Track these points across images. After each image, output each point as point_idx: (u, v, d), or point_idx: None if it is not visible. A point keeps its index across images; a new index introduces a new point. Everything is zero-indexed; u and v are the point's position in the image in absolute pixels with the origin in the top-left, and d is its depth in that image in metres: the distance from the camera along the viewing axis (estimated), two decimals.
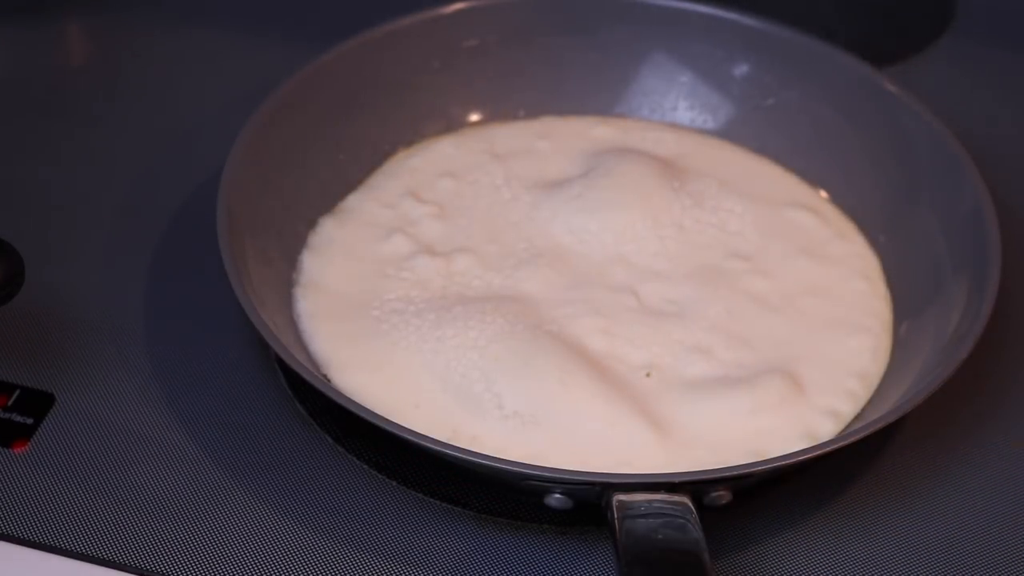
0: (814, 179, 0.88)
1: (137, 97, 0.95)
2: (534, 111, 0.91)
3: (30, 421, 0.77)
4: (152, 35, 0.99)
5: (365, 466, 0.75)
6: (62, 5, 1.01)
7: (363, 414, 0.71)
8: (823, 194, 0.87)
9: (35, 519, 0.73)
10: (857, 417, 0.76)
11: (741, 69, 0.90)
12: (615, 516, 0.67)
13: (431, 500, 0.74)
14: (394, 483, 0.75)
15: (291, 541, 0.73)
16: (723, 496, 0.70)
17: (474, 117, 0.90)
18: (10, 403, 0.77)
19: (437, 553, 0.72)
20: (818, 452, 0.71)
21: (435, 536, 0.73)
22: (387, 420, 0.70)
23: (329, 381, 0.76)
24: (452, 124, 0.90)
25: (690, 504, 0.67)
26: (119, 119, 0.93)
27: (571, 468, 0.71)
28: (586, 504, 0.70)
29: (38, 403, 0.77)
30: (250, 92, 0.86)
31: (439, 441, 0.70)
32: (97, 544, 0.72)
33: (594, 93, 0.91)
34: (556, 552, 0.72)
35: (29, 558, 0.72)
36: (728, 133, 0.90)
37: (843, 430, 0.75)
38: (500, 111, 0.91)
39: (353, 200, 0.86)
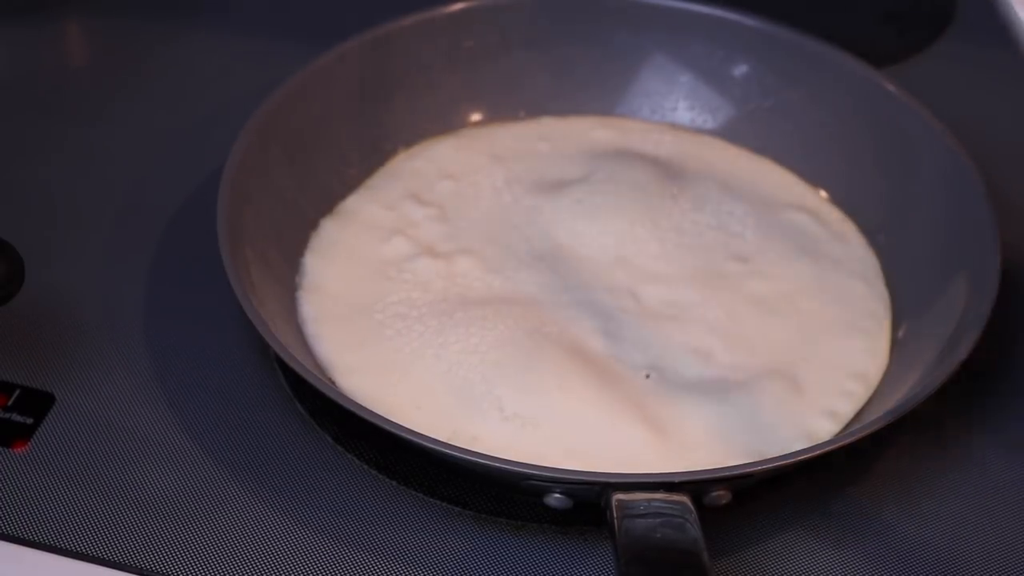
0: (814, 179, 0.88)
1: (137, 97, 0.95)
2: (535, 112, 0.91)
3: (30, 421, 0.77)
4: (152, 35, 0.99)
5: (365, 466, 0.75)
6: (62, 5, 1.01)
7: (363, 414, 0.71)
8: (823, 194, 0.87)
9: (35, 519, 0.73)
10: (856, 418, 0.76)
11: (741, 69, 0.90)
12: (614, 515, 0.67)
13: (431, 500, 0.74)
14: (394, 483, 0.75)
15: (291, 541, 0.73)
16: (723, 496, 0.70)
17: (475, 118, 0.90)
18: (10, 403, 0.77)
19: (437, 553, 0.72)
20: (817, 452, 0.71)
21: (435, 536, 0.73)
22: (387, 420, 0.71)
23: (333, 383, 0.76)
24: (453, 125, 0.90)
25: (689, 504, 0.67)
26: (119, 119, 0.93)
27: (571, 468, 0.71)
28: (586, 504, 0.70)
29: (38, 403, 0.77)
30: (250, 92, 0.86)
31: (440, 441, 0.70)
32: (97, 544, 0.72)
33: (595, 94, 0.91)
34: (556, 552, 0.72)
35: (29, 558, 0.72)
36: (729, 133, 0.90)
37: (842, 431, 0.75)
38: (501, 112, 0.91)
39: (354, 201, 0.86)
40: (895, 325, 0.80)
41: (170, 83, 0.96)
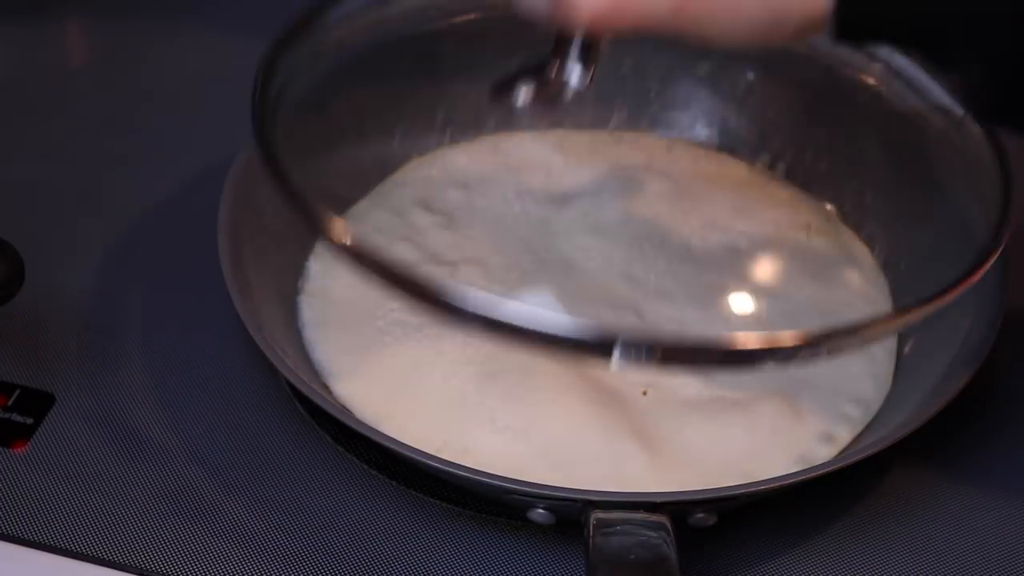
0: (828, 199, 0.87)
1: (138, 97, 0.95)
2: (552, 123, 0.90)
3: (30, 421, 0.77)
4: (153, 35, 0.99)
5: (365, 466, 0.75)
6: (62, 5, 1.01)
7: (351, 423, 0.71)
8: (836, 213, 0.86)
9: (35, 519, 0.73)
10: (854, 442, 0.75)
11: (759, 85, 0.89)
12: (590, 533, 0.67)
13: (431, 500, 0.74)
14: (394, 483, 0.75)
15: (291, 540, 0.73)
16: (708, 518, 0.69)
17: (491, 126, 0.90)
18: (10, 403, 0.77)
19: (437, 553, 0.72)
20: (804, 477, 0.70)
21: (435, 536, 0.73)
22: (374, 430, 0.71)
23: (328, 389, 0.76)
24: (468, 133, 0.89)
25: (668, 525, 0.67)
26: (119, 119, 0.93)
27: (552, 483, 0.70)
28: (568, 520, 0.70)
29: (38, 403, 0.77)
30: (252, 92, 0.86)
31: (424, 452, 0.70)
32: (97, 544, 0.72)
33: (613, 108, 0.91)
34: (556, 552, 0.72)
35: (29, 558, 0.72)
36: (744, 151, 0.89)
37: (839, 455, 0.74)
38: (518, 121, 0.90)
39: (363, 207, 0.86)
40: (900, 348, 0.80)
41: (170, 83, 0.96)
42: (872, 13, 0.64)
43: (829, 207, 0.87)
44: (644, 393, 0.77)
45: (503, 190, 0.87)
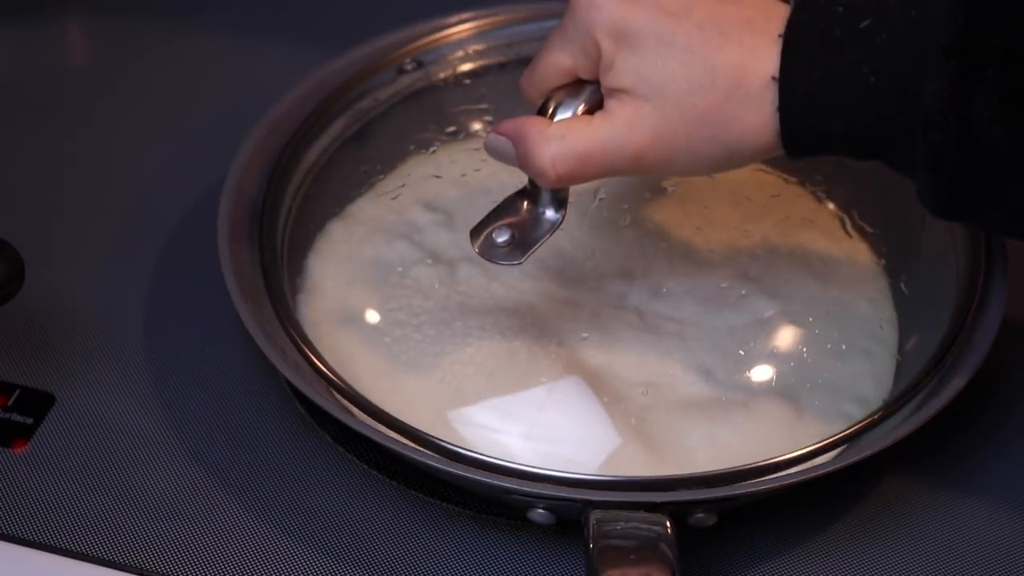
0: (828, 197, 0.87)
1: (138, 98, 0.95)
2: None
3: (30, 421, 0.77)
4: (153, 35, 0.99)
5: (365, 466, 0.75)
6: (62, 5, 1.01)
7: (351, 423, 0.71)
8: (837, 212, 0.86)
9: (35, 519, 0.73)
10: (855, 442, 0.75)
11: None
12: (591, 533, 0.67)
13: (431, 500, 0.74)
14: (394, 483, 0.75)
15: (291, 540, 0.73)
16: (707, 518, 0.69)
17: (493, 125, 0.89)
18: (10, 403, 0.77)
19: (437, 553, 0.72)
20: (804, 477, 0.70)
21: (435, 536, 0.73)
22: (374, 430, 0.71)
23: (329, 390, 0.76)
24: (470, 132, 0.89)
25: (668, 525, 0.67)
26: (119, 119, 0.93)
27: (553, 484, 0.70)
28: (568, 520, 0.70)
29: (38, 403, 0.77)
30: (252, 92, 0.86)
31: (424, 452, 0.70)
32: (97, 544, 0.72)
33: None
34: (556, 552, 0.72)
35: (29, 558, 0.72)
36: None
37: (838, 456, 0.74)
38: None
39: (362, 205, 0.85)
40: (900, 349, 0.80)
41: (171, 83, 0.96)
42: (814, 135, 0.67)
43: (831, 206, 0.87)
44: (644, 393, 0.76)
45: (503, 189, 0.86)
